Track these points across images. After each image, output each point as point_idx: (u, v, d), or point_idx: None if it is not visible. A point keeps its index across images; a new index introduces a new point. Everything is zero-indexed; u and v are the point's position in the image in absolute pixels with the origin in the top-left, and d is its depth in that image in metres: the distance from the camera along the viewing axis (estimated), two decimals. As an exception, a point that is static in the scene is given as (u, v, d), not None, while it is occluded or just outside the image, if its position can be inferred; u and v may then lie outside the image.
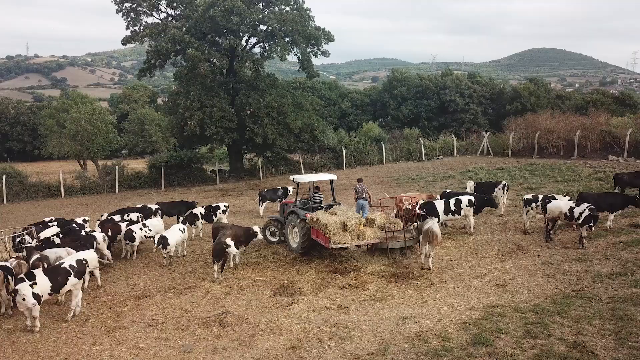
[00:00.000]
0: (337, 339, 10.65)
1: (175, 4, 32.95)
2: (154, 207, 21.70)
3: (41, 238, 17.02)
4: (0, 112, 70.96)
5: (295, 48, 33.38)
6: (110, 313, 12.90)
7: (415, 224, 16.64)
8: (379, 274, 14.70)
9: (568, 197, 18.09)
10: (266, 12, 32.00)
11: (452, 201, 18.14)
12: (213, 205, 20.54)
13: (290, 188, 25.72)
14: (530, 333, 10.22)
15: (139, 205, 22.04)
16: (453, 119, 56.96)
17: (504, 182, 21.49)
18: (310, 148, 38.68)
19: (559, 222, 17.02)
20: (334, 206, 16.73)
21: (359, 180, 18.18)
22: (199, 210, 19.64)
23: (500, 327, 10.54)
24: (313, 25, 33.96)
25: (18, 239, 17.47)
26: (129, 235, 17.58)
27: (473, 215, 19.28)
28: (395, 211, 18.09)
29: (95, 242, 16.49)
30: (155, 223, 18.63)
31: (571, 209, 15.99)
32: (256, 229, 16.24)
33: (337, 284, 14.00)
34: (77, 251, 14.78)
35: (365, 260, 16.15)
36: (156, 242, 16.32)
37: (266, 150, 35.01)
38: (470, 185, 21.86)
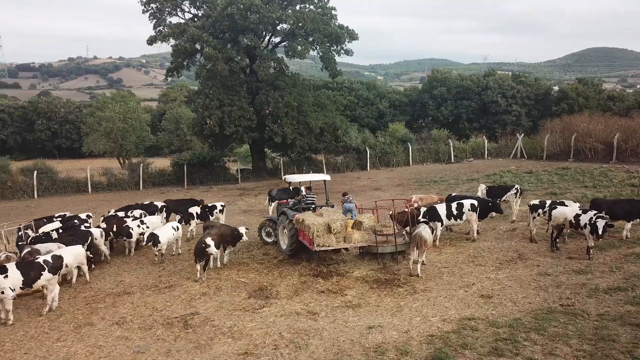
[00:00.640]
0: (292, 346, 10.20)
1: (198, 4, 33.28)
2: (159, 204, 21.86)
3: (40, 232, 17.38)
4: (50, 111, 74.29)
5: (316, 47, 32.95)
6: (85, 309, 12.94)
7: (408, 228, 15.92)
8: (364, 280, 14.12)
9: (578, 204, 16.82)
10: (288, 11, 31.69)
11: (454, 205, 17.27)
12: (209, 204, 20.44)
13: (302, 189, 25.34)
14: (496, 350, 9.43)
15: (146, 203, 22.25)
16: (495, 120, 54.87)
17: (517, 186, 20.30)
18: (333, 148, 38.12)
19: (567, 230, 15.82)
20: (323, 207, 16.24)
21: (344, 194, 17.90)
22: (194, 210, 19.57)
23: (467, 342, 9.79)
24: (336, 24, 33.48)
25: (20, 233, 17.97)
26: (126, 232, 17.70)
27: (479, 220, 18.40)
28: (390, 213, 17.37)
29: (91, 238, 16.73)
30: (153, 220, 18.71)
31: (577, 217, 14.83)
32: (242, 229, 15.96)
33: (316, 289, 13.53)
34: (67, 246, 15.06)
35: (354, 264, 15.59)
36: (145, 239, 16.33)
37: (287, 150, 34.78)
38: (481, 189, 20.81)
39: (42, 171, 33.92)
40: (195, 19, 33.63)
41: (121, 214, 20.02)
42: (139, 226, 17.77)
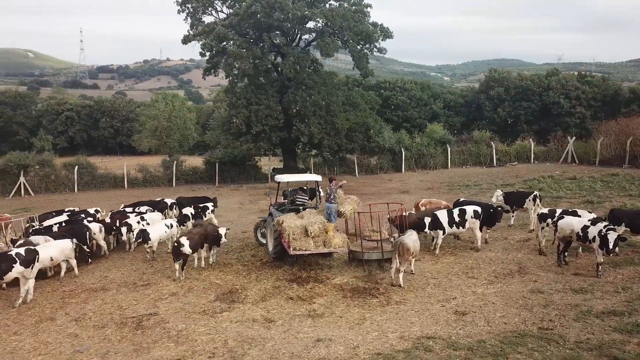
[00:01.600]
0: (228, 355, 9.65)
1: (229, 3, 33.38)
2: (169, 201, 21.97)
3: (44, 225, 17.85)
4: (113, 110, 78.03)
5: (346, 45, 32.10)
6: (57, 304, 13.01)
7: (396, 235, 14.89)
8: (341, 287, 13.30)
9: (593, 214, 15.04)
10: (319, 8, 31.03)
11: (455, 212, 16.00)
12: (201, 205, 20.25)
13: (319, 188, 24.69)
14: (439, 376, 8.40)
15: (158, 199, 22.45)
16: (556, 122, 51.55)
17: (535, 192, 18.61)
18: (368, 149, 37.02)
19: (580, 244, 14.17)
20: (307, 209, 15.52)
21: (331, 179, 16.36)
22: (189, 211, 19.38)
23: (412, 364, 8.82)
24: (370, 22, 32.49)
25: (27, 225, 18.57)
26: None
27: (489, 229, 17.01)
28: (388, 216, 16.33)
29: (88, 233, 16.96)
30: (154, 217, 18.73)
31: (585, 228, 13.23)
32: (222, 230, 15.55)
33: (287, 295, 12.88)
34: (55, 239, 15.33)
35: (339, 270, 14.80)
36: (135, 235, 16.31)
37: (317, 150, 34.16)
38: (497, 194, 19.23)
39: (83, 167, 35.36)
40: (228, 18, 33.77)
41: (129, 209, 20.27)
42: (138, 222, 17.81)
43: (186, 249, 13.98)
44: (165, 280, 14.56)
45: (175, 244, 14.05)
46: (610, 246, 12.48)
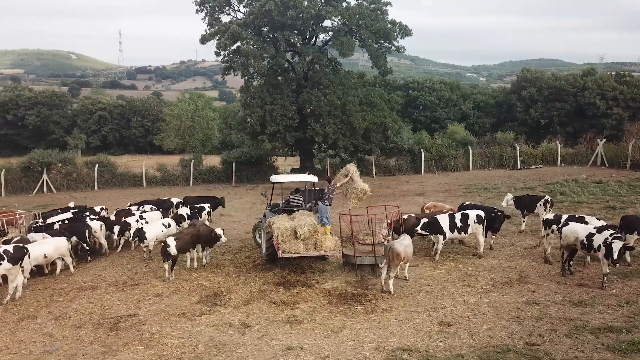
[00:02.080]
0: (193, 362, 9.32)
1: (246, 2, 33.20)
2: (175, 200, 21.94)
3: (46, 223, 18.03)
4: (144, 110, 79.51)
5: (363, 43, 31.43)
6: (44, 302, 12.99)
7: (390, 238, 14.30)
8: (329, 293, 12.83)
9: (602, 222, 14.07)
10: (336, 7, 30.49)
11: (457, 216, 15.28)
12: (197, 205, 20.06)
13: (326, 190, 24.23)
14: (404, 392, 7.85)
15: (165, 198, 22.47)
16: (591, 124, 49.55)
17: (546, 196, 17.65)
18: (387, 150, 36.22)
19: (585, 252, 13.27)
20: (299, 211, 15.08)
21: (329, 180, 15.85)
22: (184, 211, 19.21)
23: (379, 379, 8.29)
24: (388, 20, 31.78)
25: (31, 221, 18.80)
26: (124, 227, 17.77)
27: (494, 235, 16.21)
28: (387, 220, 15.73)
29: (88, 231, 17.02)
30: (153, 216, 18.68)
31: (589, 236, 12.36)
32: (219, 231, 15.30)
33: (271, 299, 12.49)
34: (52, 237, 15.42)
35: (331, 274, 14.32)
36: (132, 235, 16.25)
37: (331, 150, 33.64)
38: (508, 198, 18.36)
39: (103, 165, 35.92)
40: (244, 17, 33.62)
41: (134, 208, 20.32)
42: (137, 221, 17.77)
43: (172, 249, 13.77)
44: (156, 280, 14.39)
45: (163, 244, 13.87)
46: (615, 256, 11.59)
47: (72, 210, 20.29)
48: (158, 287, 13.76)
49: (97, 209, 20.51)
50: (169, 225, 17.22)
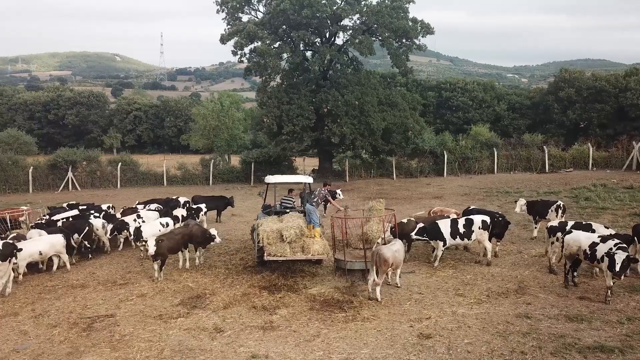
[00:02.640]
0: (153, 367, 9.03)
1: (265, 1, 32.95)
2: (182, 200, 21.93)
3: (49, 220, 18.23)
4: (177, 110, 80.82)
5: (383, 42, 30.66)
6: (31, 299, 13.00)
7: (379, 240, 13.68)
8: (314, 298, 12.35)
9: (611, 230, 13.02)
10: (353, 5, 29.88)
11: (461, 222, 14.49)
12: (194, 206, 19.86)
13: (338, 191, 23.78)
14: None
15: (174, 197, 22.49)
16: (634, 126, 47.27)
17: (559, 202, 16.60)
18: (409, 151, 35.29)
19: (588, 263, 12.30)
20: (289, 212, 14.64)
21: (325, 184, 15.46)
22: (180, 212, 19.02)
23: (335, 394, 7.78)
24: (409, 17, 30.97)
25: (37, 218, 19.09)
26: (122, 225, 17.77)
27: (498, 241, 15.36)
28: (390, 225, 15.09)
29: (88, 229, 17.11)
30: (150, 215, 18.61)
31: (593, 246, 11.43)
32: (213, 231, 15.06)
33: (253, 303, 12.11)
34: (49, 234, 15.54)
35: (321, 279, 13.86)
36: (131, 233, 16.21)
37: (349, 151, 33.01)
38: (520, 204, 17.38)
39: (126, 164, 36.52)
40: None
41: (140, 207, 20.37)
42: (135, 220, 17.75)
43: (151, 249, 13.55)
44: (145, 280, 14.25)
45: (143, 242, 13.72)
46: (617, 268, 10.64)
47: (80, 208, 20.52)
48: (145, 287, 13.61)
49: (104, 207, 20.66)
50: (167, 225, 17.11)
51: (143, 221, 17.75)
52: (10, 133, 52.29)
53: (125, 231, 17.05)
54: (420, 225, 14.61)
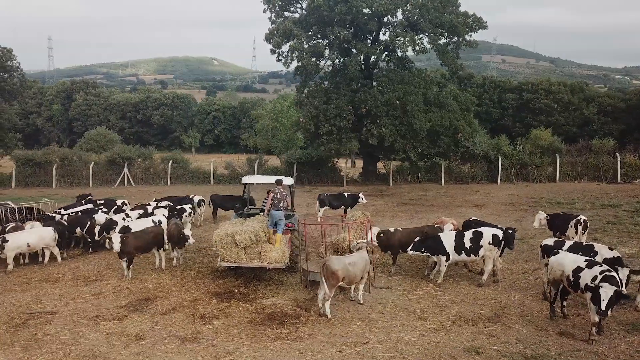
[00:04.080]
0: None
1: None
2: (197, 198, 21.81)
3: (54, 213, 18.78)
4: (253, 111, 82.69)
5: (430, 39, 28.58)
6: (4, 292, 13.19)
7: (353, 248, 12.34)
8: (261, 310, 11.35)
9: (615, 252, 10.62)
10: (394, 0, 28.08)
11: (468, 235, 12.67)
12: (178, 207, 19.37)
13: (361, 195, 22.45)
14: None
15: (186, 195, 22.56)
16: None
17: (580, 216, 14.12)
18: (457, 154, 32.75)
19: (572, 292, 10.14)
20: (256, 215, 13.68)
21: (278, 182, 13.88)
22: (162, 212, 18.48)
23: None
24: (460, 12, 28.67)
25: (55, 210, 19.77)
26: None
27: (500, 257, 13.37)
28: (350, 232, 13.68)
29: (91, 223, 17.37)
30: (157, 212, 18.49)
31: (576, 272, 9.37)
32: (187, 232, 14.55)
33: (193, 310, 11.36)
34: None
35: (286, 288, 12.81)
36: (117, 231, 16.15)
37: (391, 154, 31.20)
38: (540, 217, 15.08)
39: (177, 161, 37.49)
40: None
41: (153, 204, 20.46)
42: (123, 219, 17.64)
43: (116, 246, 13.26)
44: (117, 278, 14.05)
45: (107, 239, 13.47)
46: (603, 306, 8.53)
47: (98, 202, 21.02)
48: (109, 285, 13.39)
49: (119, 202, 21.00)
50: (159, 223, 16.86)
51: (130, 219, 17.66)
52: (99, 131, 55.97)
53: (113, 230, 17.03)
54: (417, 239, 12.91)
